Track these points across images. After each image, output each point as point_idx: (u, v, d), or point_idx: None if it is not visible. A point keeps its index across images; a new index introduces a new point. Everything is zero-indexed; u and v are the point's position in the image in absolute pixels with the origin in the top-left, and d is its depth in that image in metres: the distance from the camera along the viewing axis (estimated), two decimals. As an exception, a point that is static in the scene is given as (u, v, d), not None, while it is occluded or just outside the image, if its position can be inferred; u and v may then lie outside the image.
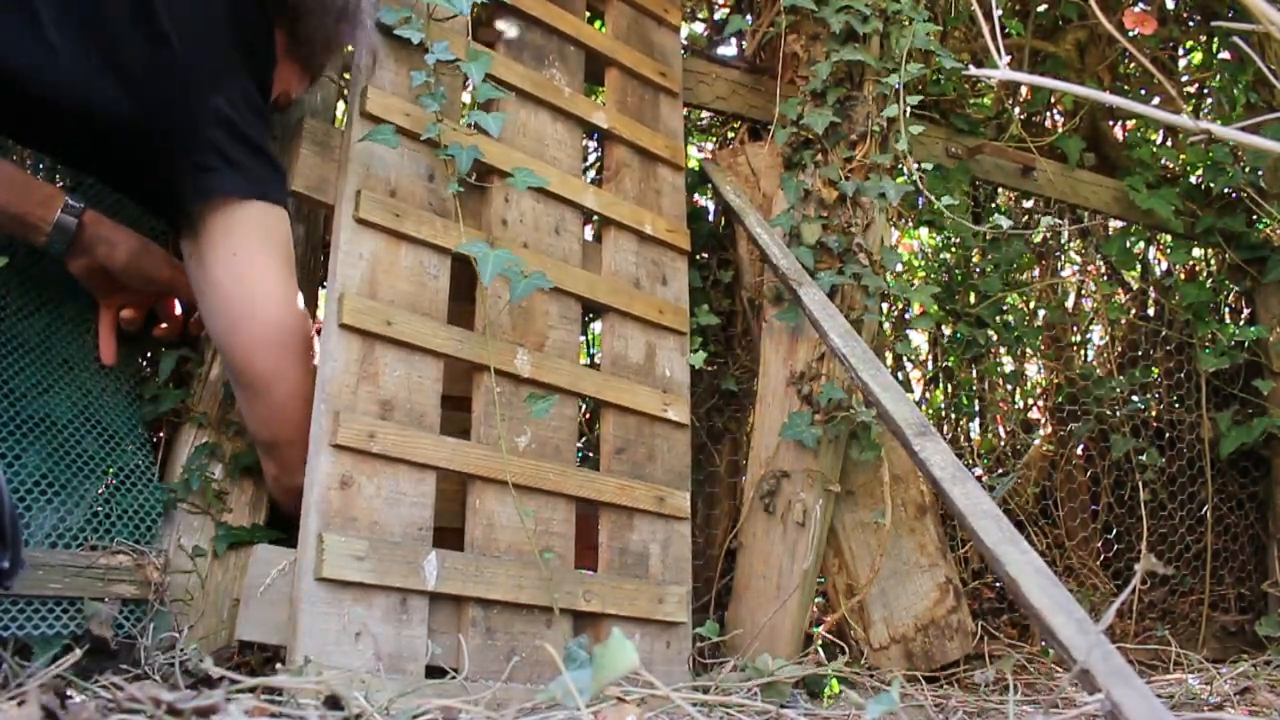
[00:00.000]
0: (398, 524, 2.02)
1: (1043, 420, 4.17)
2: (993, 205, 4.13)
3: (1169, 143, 4.11)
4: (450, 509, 2.31)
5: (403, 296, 2.15)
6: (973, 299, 3.85)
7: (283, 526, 2.33)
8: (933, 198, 2.86)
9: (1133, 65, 4.07)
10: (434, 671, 2.03)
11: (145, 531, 2.17)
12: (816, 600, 3.04)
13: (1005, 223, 2.61)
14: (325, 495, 1.93)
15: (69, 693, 1.39)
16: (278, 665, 1.96)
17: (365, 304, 2.06)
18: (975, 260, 4.07)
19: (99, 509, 2.14)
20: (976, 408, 4.22)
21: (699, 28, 3.88)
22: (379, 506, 2.00)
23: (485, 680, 2.00)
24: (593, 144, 3.42)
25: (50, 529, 2.06)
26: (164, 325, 2.24)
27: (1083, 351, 4.30)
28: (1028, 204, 4.30)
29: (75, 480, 2.11)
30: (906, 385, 4.05)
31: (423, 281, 2.20)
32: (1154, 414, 3.92)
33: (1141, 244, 4.12)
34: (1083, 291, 4.35)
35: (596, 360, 3.44)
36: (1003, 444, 4.11)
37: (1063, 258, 4.35)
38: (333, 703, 1.41)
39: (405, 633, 1.97)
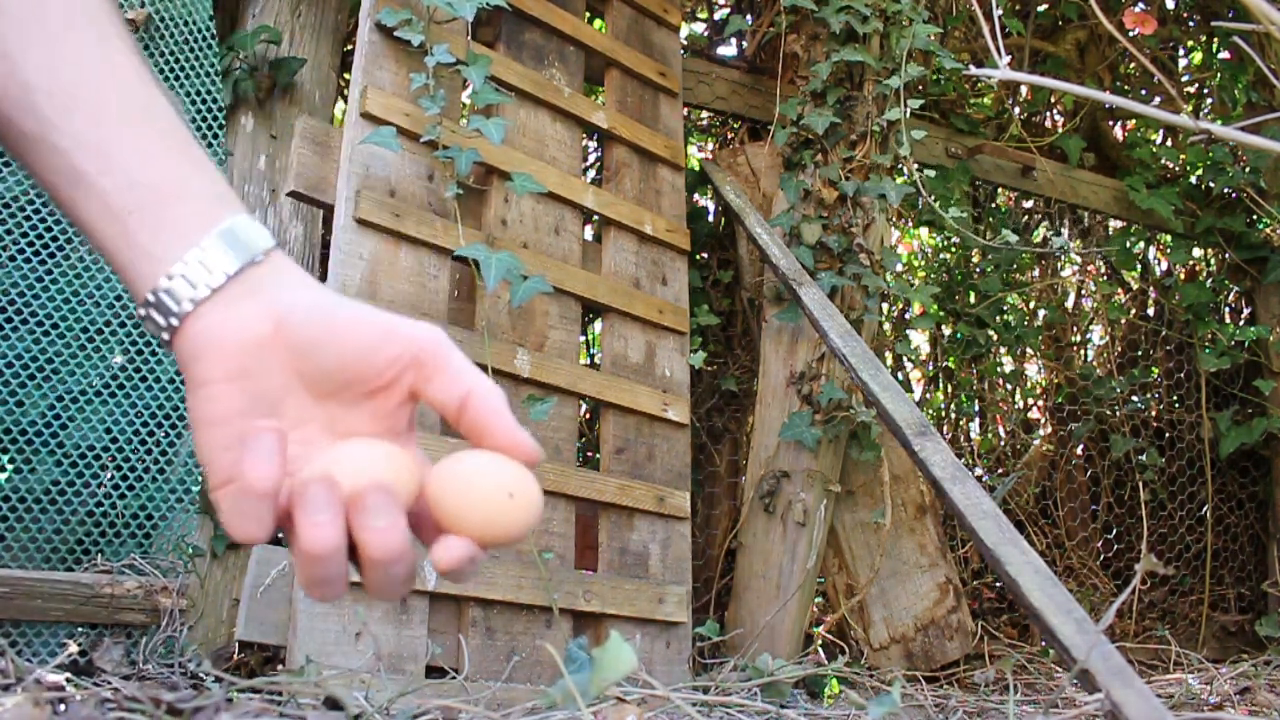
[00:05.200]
0: (398, 524, 2.01)
1: (1043, 420, 4.17)
2: (993, 205, 4.13)
3: (1169, 143, 4.11)
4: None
5: (403, 296, 2.15)
6: (973, 299, 3.85)
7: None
8: (933, 203, 2.86)
9: (1133, 65, 4.07)
10: (434, 671, 2.03)
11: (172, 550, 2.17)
12: (816, 600, 3.04)
13: (1013, 238, 2.61)
14: (325, 495, 1.93)
15: (69, 692, 1.39)
16: (279, 665, 1.96)
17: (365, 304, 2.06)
18: (975, 260, 4.07)
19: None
20: (976, 408, 4.22)
21: (699, 28, 3.88)
22: (379, 506, 1.99)
23: (485, 680, 2.00)
24: (592, 144, 3.42)
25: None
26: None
27: (1083, 351, 4.30)
28: (1028, 204, 4.30)
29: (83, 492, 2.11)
30: (906, 385, 4.06)
31: (423, 282, 2.20)
32: (1154, 414, 3.92)
33: (1141, 244, 4.12)
34: (1083, 291, 4.35)
35: (596, 360, 3.44)
36: (1003, 444, 4.11)
37: (1063, 258, 4.35)
38: (332, 703, 1.41)
39: (405, 633, 1.97)
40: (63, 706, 1.15)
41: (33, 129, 0.64)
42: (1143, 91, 4.09)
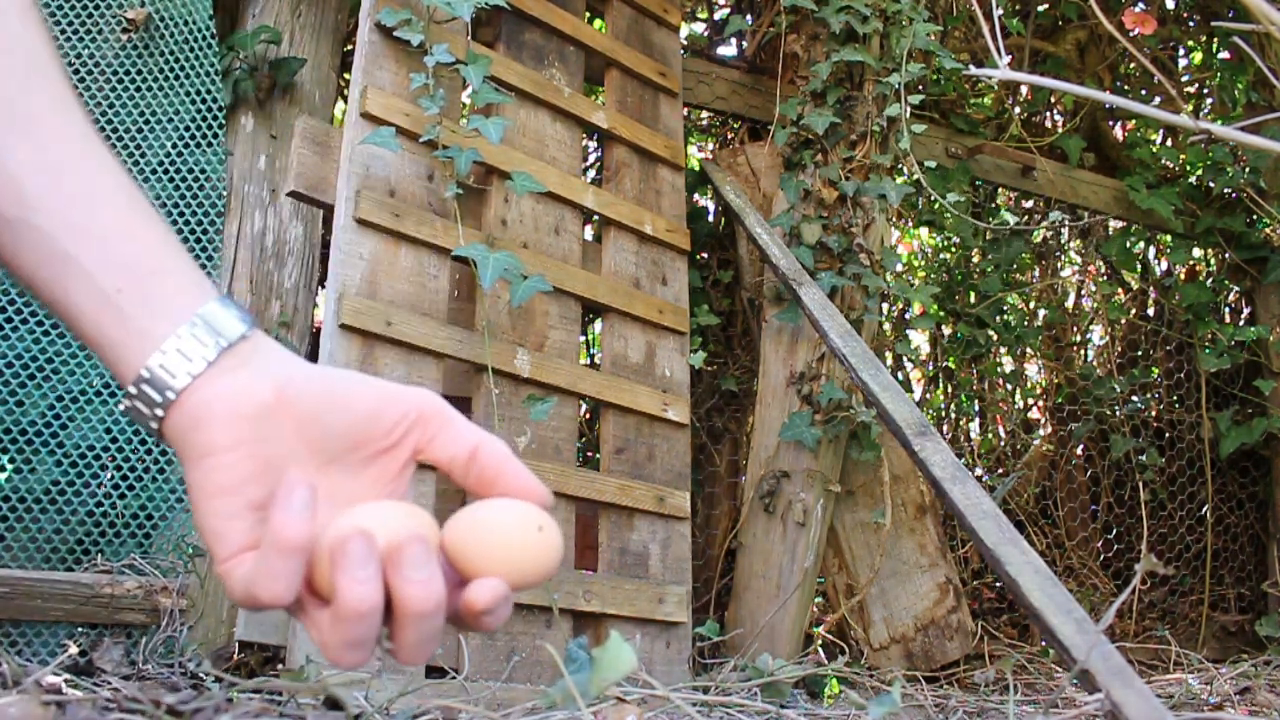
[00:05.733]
0: (398, 524, 2.01)
1: (1043, 420, 4.17)
2: (993, 205, 4.13)
3: (1169, 143, 4.11)
4: (450, 509, 2.31)
5: (402, 297, 2.15)
6: (973, 299, 3.85)
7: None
8: (936, 195, 2.86)
9: (1133, 65, 4.07)
10: (434, 671, 2.03)
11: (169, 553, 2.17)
12: (816, 600, 3.04)
13: (1011, 219, 2.61)
14: (325, 495, 1.93)
15: (68, 692, 1.39)
16: (279, 665, 1.96)
17: (365, 304, 2.06)
18: (975, 260, 4.07)
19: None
20: (976, 408, 4.22)
21: (699, 28, 3.88)
22: (379, 507, 1.99)
23: (485, 680, 2.00)
24: (592, 144, 3.42)
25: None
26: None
27: (1083, 351, 4.30)
28: (1028, 204, 4.30)
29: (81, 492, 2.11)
30: (906, 385, 4.06)
31: (422, 282, 2.20)
32: (1154, 414, 3.92)
33: (1141, 244, 4.12)
34: (1083, 291, 4.35)
35: (596, 360, 3.44)
36: (1003, 444, 4.11)
37: (1063, 258, 4.35)
38: (332, 703, 1.41)
39: (405, 633, 1.96)
40: (62, 708, 1.15)
41: (15, 213, 0.64)
42: (1143, 91, 4.09)
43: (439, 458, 0.68)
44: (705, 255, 3.29)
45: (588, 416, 3.36)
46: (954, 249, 4.15)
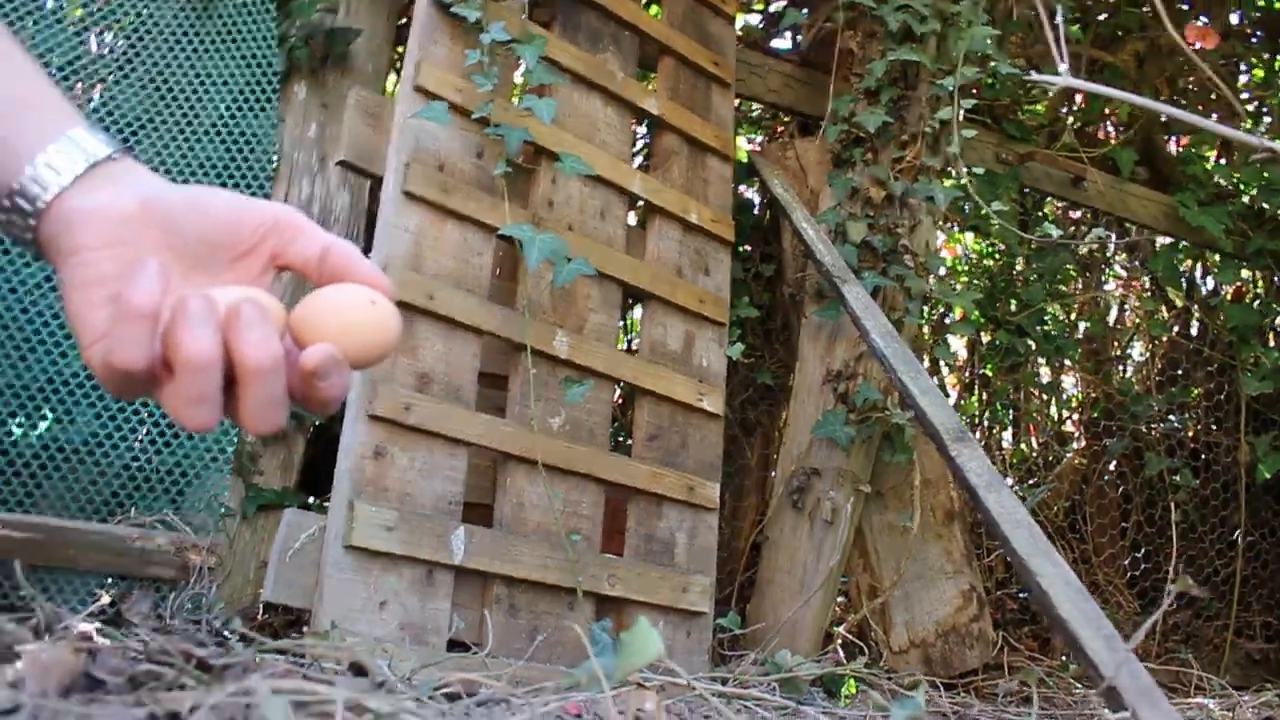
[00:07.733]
0: (429, 497, 2.03)
1: (1077, 434, 4.13)
2: (1040, 214, 4.09)
3: (1224, 161, 4.05)
4: (480, 485, 2.32)
5: (446, 271, 2.15)
6: (1014, 307, 3.82)
7: (313, 490, 2.35)
8: (982, 203, 2.82)
9: (1191, 80, 4.01)
10: (455, 646, 2.05)
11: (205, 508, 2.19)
12: (838, 599, 3.03)
13: (1055, 231, 2.57)
14: (359, 464, 1.95)
15: (99, 641, 1.41)
16: (303, 628, 1.98)
17: (409, 277, 2.07)
18: (1019, 268, 4.03)
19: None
20: (1011, 416, 4.18)
21: (754, 19, 3.86)
22: (411, 478, 2.01)
23: (506, 657, 2.01)
24: (642, 130, 3.41)
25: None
26: None
27: (1122, 367, 4.25)
28: (1075, 214, 4.25)
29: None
30: (941, 390, 4.03)
31: (467, 258, 2.20)
32: (1191, 434, 3.87)
33: (1189, 261, 4.07)
34: (1125, 306, 4.30)
35: (634, 346, 3.44)
36: (1035, 455, 4.08)
37: (1107, 271, 4.30)
38: (358, 669, 1.42)
39: (430, 605, 1.98)
40: (93, 656, 1.16)
41: None
42: (1199, 107, 4.03)
43: (294, 260, 0.74)
44: (749, 248, 3.28)
45: (622, 401, 3.36)
46: (998, 255, 4.11)
